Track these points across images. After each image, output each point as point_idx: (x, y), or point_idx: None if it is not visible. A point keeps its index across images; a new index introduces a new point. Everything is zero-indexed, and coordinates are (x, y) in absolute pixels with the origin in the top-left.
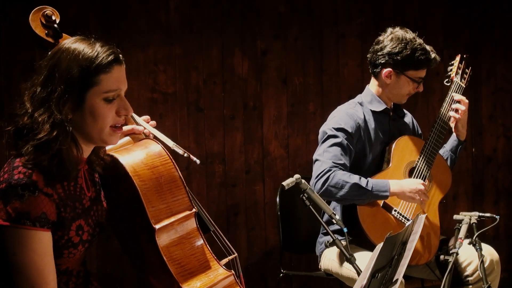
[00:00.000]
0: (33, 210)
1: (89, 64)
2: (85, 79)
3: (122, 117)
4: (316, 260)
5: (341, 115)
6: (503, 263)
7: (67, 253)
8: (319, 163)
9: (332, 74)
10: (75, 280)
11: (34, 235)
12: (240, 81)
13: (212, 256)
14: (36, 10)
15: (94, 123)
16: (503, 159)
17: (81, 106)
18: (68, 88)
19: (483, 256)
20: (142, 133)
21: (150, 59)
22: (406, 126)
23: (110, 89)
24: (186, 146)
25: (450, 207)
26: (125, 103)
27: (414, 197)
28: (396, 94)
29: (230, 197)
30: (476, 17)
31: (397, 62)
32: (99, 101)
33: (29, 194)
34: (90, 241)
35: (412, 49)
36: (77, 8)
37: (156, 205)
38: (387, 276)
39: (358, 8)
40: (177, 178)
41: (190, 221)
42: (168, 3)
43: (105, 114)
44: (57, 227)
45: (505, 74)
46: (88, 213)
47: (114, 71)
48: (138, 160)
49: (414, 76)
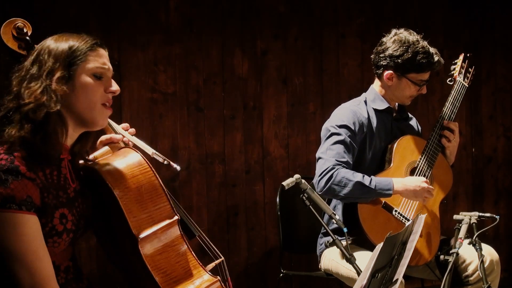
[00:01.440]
0: (18, 194)
1: (76, 44)
2: (73, 56)
3: (110, 94)
4: (316, 260)
5: (345, 112)
6: (503, 263)
7: (52, 242)
8: (322, 161)
9: (332, 74)
10: (64, 276)
11: (22, 219)
12: (240, 81)
13: (197, 263)
14: (7, 23)
15: (85, 99)
16: (503, 159)
17: (71, 82)
18: (58, 63)
19: (483, 256)
20: (121, 142)
21: (150, 59)
22: (410, 128)
23: (97, 66)
24: (186, 146)
25: (450, 207)
26: (111, 82)
27: (418, 195)
28: (398, 96)
29: (230, 197)
30: (476, 17)
31: (399, 65)
32: (88, 76)
33: (12, 178)
34: (75, 231)
35: (413, 52)
36: (77, 8)
37: (138, 215)
38: (387, 276)
39: (358, 8)
40: (158, 186)
41: (174, 228)
42: (168, 3)
43: (95, 90)
44: (41, 214)
45: (505, 74)
46: (73, 203)
47: (99, 51)
48: (117, 171)
49: (416, 79)
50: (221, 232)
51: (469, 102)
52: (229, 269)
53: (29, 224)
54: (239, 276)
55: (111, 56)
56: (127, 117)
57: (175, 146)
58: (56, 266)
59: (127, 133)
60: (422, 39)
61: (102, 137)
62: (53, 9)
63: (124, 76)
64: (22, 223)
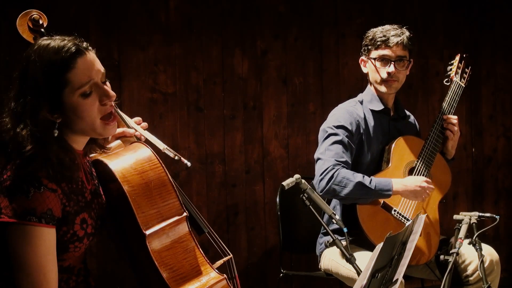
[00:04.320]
0: (39, 206)
1: (51, 67)
2: (53, 84)
3: (107, 105)
4: (316, 260)
5: (341, 112)
6: (503, 263)
7: (73, 247)
8: (321, 161)
9: (332, 74)
10: (76, 279)
11: (39, 232)
12: (240, 81)
13: (204, 260)
14: (23, 14)
15: (82, 121)
16: (503, 159)
17: (62, 109)
18: (39, 98)
19: (483, 256)
20: (133, 136)
21: (150, 59)
22: (409, 128)
23: (82, 84)
24: (186, 146)
25: (450, 207)
26: (104, 90)
27: (417, 195)
28: (375, 83)
29: (230, 197)
30: (476, 17)
31: (364, 50)
32: (77, 99)
33: (34, 190)
34: (94, 234)
35: (374, 33)
36: (77, 8)
37: (146, 210)
38: (387, 276)
39: (358, 8)
40: (167, 182)
41: (182, 225)
42: (168, 3)
43: (89, 109)
44: (62, 223)
45: (505, 74)
46: (90, 206)
47: (79, 65)
48: (127, 165)
49: (377, 56)
50: (221, 232)
51: (469, 102)
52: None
53: (46, 237)
54: (239, 276)
55: (111, 56)
56: None
57: (175, 146)
58: (71, 268)
59: (140, 127)
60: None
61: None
62: (53, 9)
63: (124, 76)
64: (38, 236)
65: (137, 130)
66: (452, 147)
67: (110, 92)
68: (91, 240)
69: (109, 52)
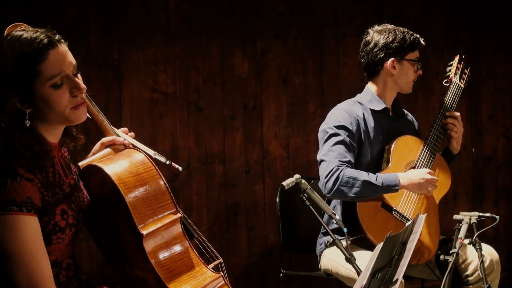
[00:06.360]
0: (18, 195)
1: (23, 58)
2: (24, 75)
3: (78, 97)
4: (316, 260)
5: (340, 112)
6: (503, 263)
7: (56, 239)
8: (325, 163)
9: (332, 74)
10: (66, 273)
11: (22, 220)
12: (240, 81)
13: (199, 260)
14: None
15: (53, 112)
16: (503, 159)
17: (33, 100)
18: (8, 88)
19: (483, 256)
20: (122, 144)
21: (150, 59)
22: (408, 126)
23: (53, 75)
24: (186, 146)
25: (450, 207)
26: (75, 83)
27: (422, 187)
28: (403, 83)
29: (230, 197)
30: (476, 17)
31: (396, 49)
32: (47, 90)
33: (11, 180)
34: (76, 226)
35: (402, 33)
36: (77, 8)
37: (142, 211)
38: (387, 276)
39: (358, 8)
40: (162, 184)
41: (176, 226)
42: (168, 3)
43: (58, 100)
44: (42, 213)
45: (505, 74)
46: (70, 198)
47: (51, 56)
48: (122, 169)
49: (414, 57)
50: (221, 232)
51: (469, 102)
52: (229, 269)
53: (29, 225)
54: (239, 276)
55: (111, 56)
56: (127, 117)
57: (175, 146)
58: (58, 263)
59: (127, 136)
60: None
61: (103, 139)
62: (53, 9)
63: (124, 76)
64: (22, 224)
65: (126, 139)
66: (457, 143)
67: (80, 85)
68: (73, 231)
69: (109, 52)
